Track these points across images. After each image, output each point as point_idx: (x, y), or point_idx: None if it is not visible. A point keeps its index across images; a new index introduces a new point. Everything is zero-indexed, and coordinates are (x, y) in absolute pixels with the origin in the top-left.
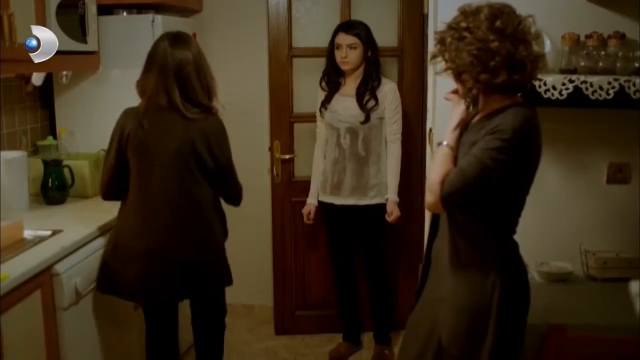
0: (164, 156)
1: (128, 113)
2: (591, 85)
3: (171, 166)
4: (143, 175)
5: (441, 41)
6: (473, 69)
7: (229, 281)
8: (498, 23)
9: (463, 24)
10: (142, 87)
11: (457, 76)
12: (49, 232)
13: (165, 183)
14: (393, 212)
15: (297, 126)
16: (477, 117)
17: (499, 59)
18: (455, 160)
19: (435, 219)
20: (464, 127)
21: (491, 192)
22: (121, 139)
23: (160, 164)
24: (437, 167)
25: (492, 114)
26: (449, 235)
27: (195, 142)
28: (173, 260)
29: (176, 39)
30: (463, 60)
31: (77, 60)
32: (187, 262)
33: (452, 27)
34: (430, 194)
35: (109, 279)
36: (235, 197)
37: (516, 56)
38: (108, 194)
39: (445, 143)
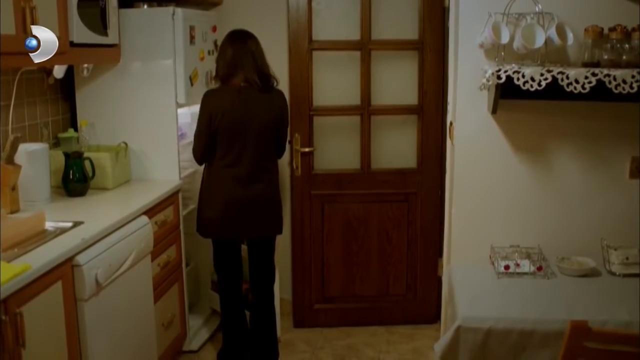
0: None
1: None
2: (615, 79)
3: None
4: (234, 146)
5: None
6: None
7: (279, 230)
8: None
9: None
10: None
11: None
12: (70, 224)
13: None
14: None
15: (316, 119)
16: None
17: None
18: None
19: None
20: None
21: None
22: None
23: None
24: None
25: None
26: None
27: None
28: (242, 210)
29: None
30: None
31: (98, 53)
32: (253, 212)
33: None
34: None
35: (200, 223)
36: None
37: None
38: (203, 161)
39: None
